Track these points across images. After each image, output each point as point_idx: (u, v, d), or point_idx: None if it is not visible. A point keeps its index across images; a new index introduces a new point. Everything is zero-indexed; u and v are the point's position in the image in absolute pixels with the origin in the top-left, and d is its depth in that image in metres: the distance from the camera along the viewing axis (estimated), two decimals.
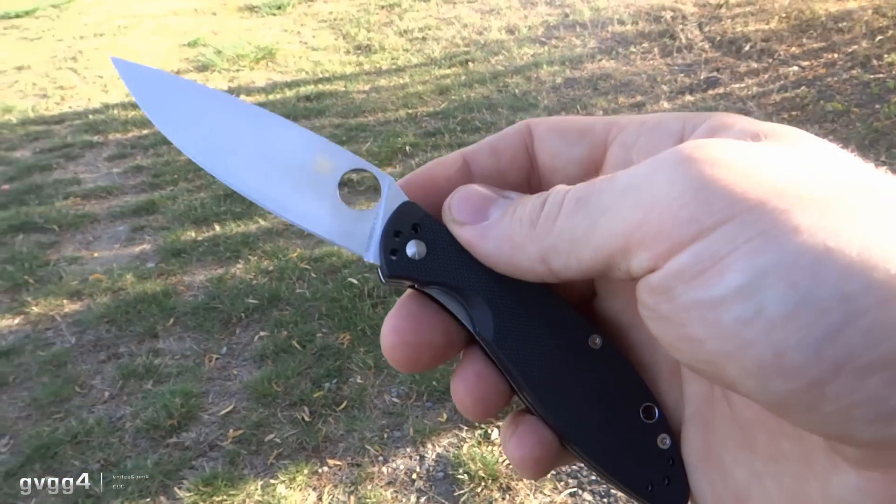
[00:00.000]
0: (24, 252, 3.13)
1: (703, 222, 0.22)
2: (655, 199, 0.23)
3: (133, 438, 2.07)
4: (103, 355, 2.43)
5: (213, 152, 0.33)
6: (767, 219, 0.21)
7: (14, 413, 2.20)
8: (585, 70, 4.62)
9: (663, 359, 0.33)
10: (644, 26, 5.17)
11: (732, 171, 0.23)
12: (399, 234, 0.32)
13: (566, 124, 0.34)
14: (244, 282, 2.74)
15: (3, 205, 3.64)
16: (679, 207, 0.23)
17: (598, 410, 0.32)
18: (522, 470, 0.32)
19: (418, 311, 0.32)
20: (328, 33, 6.22)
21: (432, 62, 5.23)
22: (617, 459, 0.32)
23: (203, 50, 5.86)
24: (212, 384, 2.27)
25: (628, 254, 0.24)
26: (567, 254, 0.27)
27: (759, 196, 0.22)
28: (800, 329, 0.20)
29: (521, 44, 5.29)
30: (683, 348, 0.24)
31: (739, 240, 0.21)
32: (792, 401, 0.21)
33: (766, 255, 0.21)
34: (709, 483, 0.30)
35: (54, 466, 1.99)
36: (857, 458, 0.23)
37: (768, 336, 0.21)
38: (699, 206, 0.22)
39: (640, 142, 0.30)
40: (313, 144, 0.34)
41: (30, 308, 2.71)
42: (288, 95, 4.89)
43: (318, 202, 0.33)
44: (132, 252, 3.09)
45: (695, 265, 0.22)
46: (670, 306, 0.23)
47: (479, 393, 0.32)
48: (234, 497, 1.85)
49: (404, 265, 0.32)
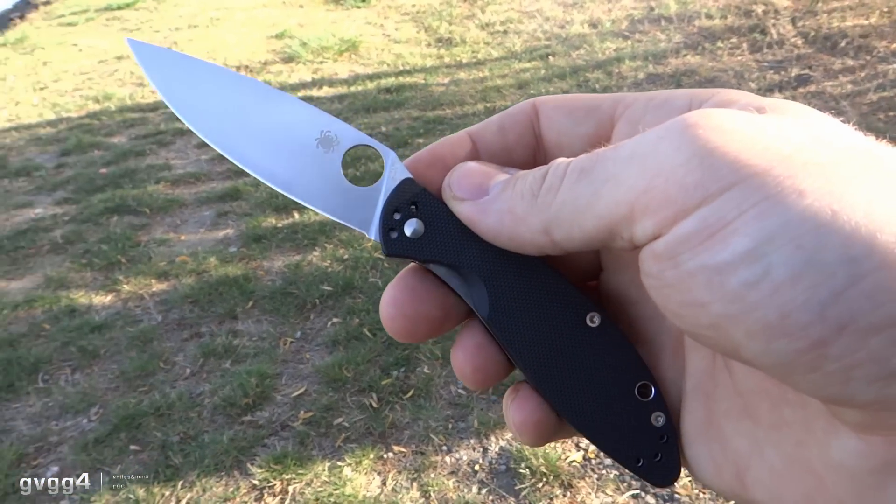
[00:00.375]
0: (118, 233, 3.30)
1: (709, 188, 0.22)
2: (660, 165, 0.24)
3: (211, 414, 2.17)
4: (186, 334, 2.55)
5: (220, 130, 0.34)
6: (773, 183, 0.22)
7: (104, 384, 2.34)
8: (669, 65, 4.52)
9: (667, 332, 0.33)
10: (733, 20, 5.01)
11: (738, 138, 0.23)
12: (398, 212, 0.33)
13: (573, 102, 0.34)
14: (320, 269, 2.82)
15: (100, 187, 3.85)
16: (685, 174, 0.23)
17: (592, 388, 0.32)
18: (522, 433, 0.33)
19: (417, 285, 0.33)
20: (410, 26, 6.28)
21: (512, 56, 5.22)
22: (608, 434, 0.32)
23: (289, 42, 6.02)
24: (286, 366, 2.35)
25: (632, 221, 0.24)
26: (570, 223, 0.27)
27: (765, 162, 0.22)
28: (805, 290, 0.21)
29: (603, 38, 5.21)
30: (687, 314, 0.24)
31: (745, 204, 0.22)
32: (795, 361, 0.21)
33: (772, 219, 0.21)
34: (709, 453, 0.30)
35: (138, 436, 2.11)
36: (857, 422, 0.23)
37: (774, 298, 0.21)
38: (705, 172, 0.22)
39: (647, 118, 0.30)
40: (318, 121, 0.34)
41: (121, 286, 2.87)
42: (369, 87, 4.97)
43: (322, 180, 0.34)
44: (216, 236, 3.23)
45: (701, 230, 0.22)
46: (675, 272, 0.23)
47: (479, 363, 0.33)
48: (302, 476, 1.92)
49: (403, 244, 0.33)
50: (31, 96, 5.56)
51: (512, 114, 0.35)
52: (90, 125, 4.83)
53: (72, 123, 4.92)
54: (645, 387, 0.32)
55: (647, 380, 0.32)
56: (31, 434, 2.15)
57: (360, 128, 4.16)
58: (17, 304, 2.79)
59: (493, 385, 0.34)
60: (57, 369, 2.43)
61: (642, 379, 0.32)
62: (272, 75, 5.43)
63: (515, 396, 0.33)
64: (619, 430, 0.32)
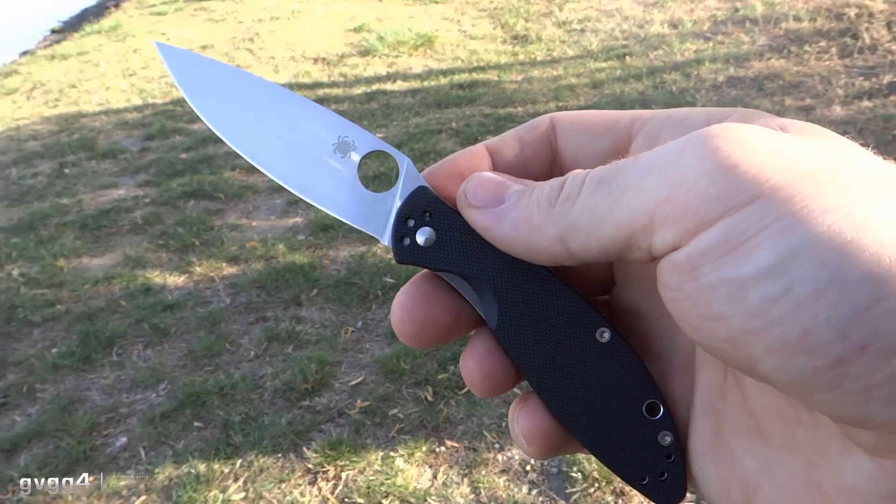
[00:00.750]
0: (194, 216, 3.43)
1: (731, 200, 0.22)
2: (682, 176, 0.23)
3: (271, 397, 2.24)
4: (252, 317, 2.63)
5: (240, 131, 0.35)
6: (796, 199, 0.21)
7: (173, 361, 2.44)
8: (751, 69, 4.38)
9: (678, 349, 0.33)
10: (823, 24, 4.81)
11: (761, 152, 0.23)
12: (411, 219, 0.33)
13: (590, 118, 0.34)
14: (383, 261, 2.86)
15: (179, 172, 4.00)
16: (707, 185, 0.23)
17: (599, 403, 0.32)
18: (530, 442, 0.33)
19: (428, 291, 0.33)
20: (487, 22, 6.28)
21: (588, 55, 5.15)
22: (614, 452, 0.32)
23: (367, 35, 6.10)
24: (345, 355, 2.40)
25: (651, 231, 0.24)
26: (587, 232, 0.27)
27: (788, 177, 0.22)
28: (827, 308, 0.20)
29: (683, 39, 5.09)
30: (705, 328, 0.24)
31: (768, 219, 0.21)
32: (814, 379, 0.21)
33: (795, 235, 0.21)
34: (717, 472, 0.30)
35: (202, 414, 2.19)
36: (872, 444, 0.23)
37: (795, 314, 0.21)
38: (727, 185, 0.22)
39: (664, 134, 0.30)
40: (336, 126, 0.35)
41: (194, 268, 2.97)
42: (442, 83, 5.00)
43: (338, 184, 0.34)
44: (286, 224, 3.31)
45: (723, 243, 0.22)
46: (695, 284, 0.23)
47: (488, 370, 0.33)
48: (355, 464, 1.95)
49: (414, 252, 0.33)
50: (120, 82, 5.81)
51: (529, 128, 0.35)
52: (173, 111, 5.01)
53: (157, 109, 5.12)
54: (653, 405, 0.32)
55: (655, 398, 0.32)
56: (103, 404, 2.26)
57: (431, 123, 4.19)
58: (98, 280, 2.94)
59: (501, 393, 0.35)
60: (130, 344, 2.54)
61: (651, 397, 0.32)
62: (348, 68, 5.51)
63: (524, 406, 0.34)
64: (626, 448, 0.32)
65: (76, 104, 5.45)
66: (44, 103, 5.55)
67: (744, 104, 3.87)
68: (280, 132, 0.35)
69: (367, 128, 4.19)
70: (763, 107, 3.80)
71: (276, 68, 5.71)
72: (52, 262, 3.12)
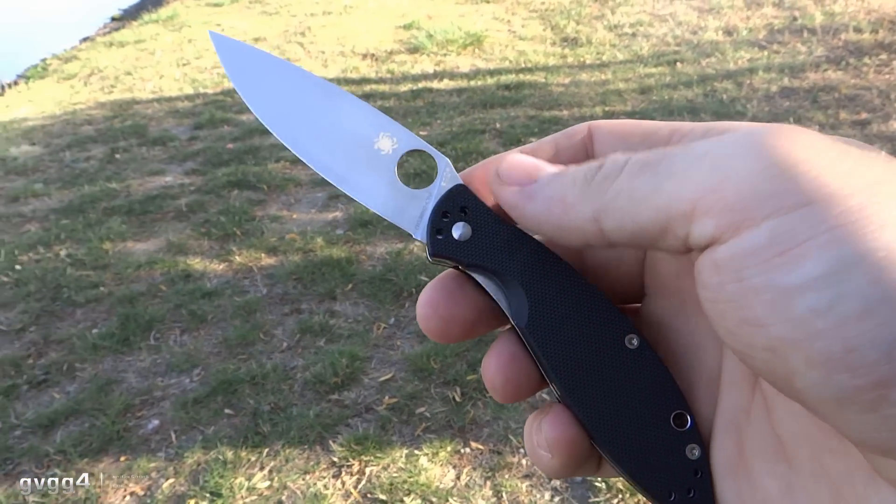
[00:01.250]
0: (237, 206, 3.48)
1: (784, 200, 0.21)
2: (736, 168, 0.22)
3: (301, 389, 2.26)
4: (287, 309, 2.66)
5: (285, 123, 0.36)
6: (854, 209, 0.20)
7: (208, 348, 2.48)
8: (807, 80, 4.27)
9: (704, 367, 0.32)
10: (885, 36, 4.67)
11: (821, 157, 0.22)
12: (447, 216, 0.33)
13: (628, 128, 0.33)
14: (419, 259, 2.86)
15: (225, 161, 4.07)
16: (761, 181, 0.22)
17: (627, 411, 0.32)
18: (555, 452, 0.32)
19: (454, 288, 0.33)
20: (537, 23, 6.24)
21: (638, 59, 5.09)
22: (641, 463, 0.31)
23: (416, 33, 6.12)
24: (376, 351, 2.41)
25: (692, 219, 0.23)
26: (623, 213, 0.26)
27: (846, 186, 0.21)
28: (875, 327, 0.20)
29: (737, 46, 4.98)
30: (743, 333, 0.23)
31: (821, 226, 0.21)
32: (853, 398, 0.20)
33: (848, 247, 0.20)
34: (737, 492, 0.29)
35: (233, 401, 2.22)
36: None
37: (841, 329, 0.20)
38: (782, 183, 0.21)
39: None
40: (379, 123, 0.35)
41: (234, 257, 3.02)
42: (489, 83, 4.98)
43: (375, 178, 0.35)
44: (325, 218, 3.34)
45: (770, 245, 0.21)
46: (737, 287, 0.22)
47: (510, 374, 0.33)
48: (380, 460, 1.96)
49: (449, 246, 0.33)
50: (174, 71, 5.93)
51: (567, 135, 0.34)
52: (223, 102, 5.10)
53: (207, 99, 5.22)
54: (681, 416, 0.31)
55: (683, 409, 0.31)
56: (138, 387, 2.31)
57: (475, 122, 4.19)
58: (140, 265, 3.00)
59: (521, 399, 0.34)
60: (168, 329, 2.59)
61: (678, 408, 0.31)
62: (396, 65, 5.54)
63: (547, 413, 0.33)
64: (653, 460, 0.31)
65: (130, 91, 5.58)
66: (100, 89, 5.70)
67: (797, 116, 3.77)
68: (324, 125, 0.35)
69: (412, 125, 4.20)
70: (817, 119, 3.70)
71: (325, 63, 5.77)
72: (99, 244, 3.20)
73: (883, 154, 0.24)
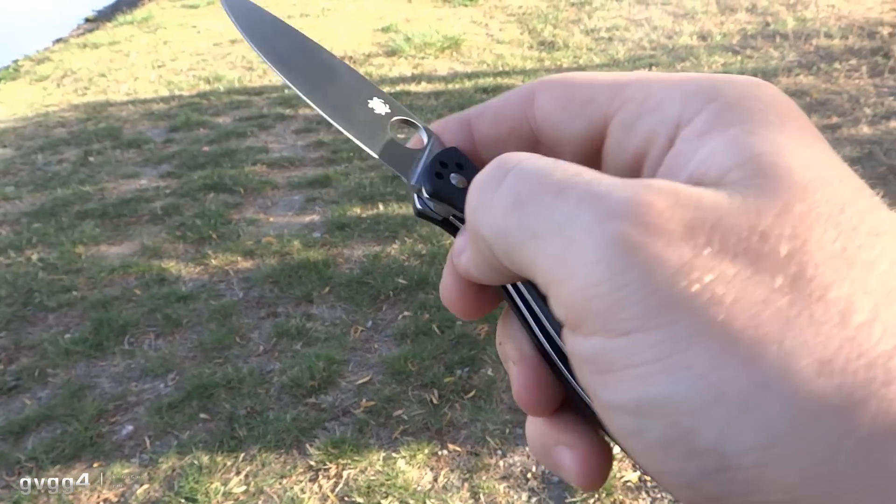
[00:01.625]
0: (212, 209, 3.45)
1: (610, 323, 0.20)
2: (577, 269, 0.21)
3: (278, 392, 2.24)
4: (263, 312, 2.64)
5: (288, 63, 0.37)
6: (673, 345, 0.19)
7: (183, 352, 2.46)
8: (779, 84, 4.32)
9: None
10: (854, 41, 4.75)
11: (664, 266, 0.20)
12: (445, 166, 0.33)
13: (570, 92, 0.29)
14: (397, 262, 2.86)
15: (201, 164, 4.03)
16: (595, 295, 0.20)
17: None
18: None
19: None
20: (515, 27, 6.27)
21: (614, 63, 5.13)
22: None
23: (394, 36, 6.12)
24: (354, 354, 2.40)
25: (546, 291, 0.22)
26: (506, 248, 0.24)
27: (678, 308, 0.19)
28: (677, 461, 0.20)
29: (711, 51, 5.04)
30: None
31: (638, 358, 0.20)
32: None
33: (657, 388, 0.19)
34: None
35: (208, 406, 2.20)
36: None
37: (650, 454, 0.21)
38: (615, 303, 0.20)
39: (638, 125, 0.26)
40: (372, 89, 0.37)
41: (209, 261, 2.99)
42: (466, 86, 4.99)
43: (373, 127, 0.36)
44: (303, 221, 3.32)
45: (595, 361, 0.21)
46: (580, 373, 0.23)
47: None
48: (357, 463, 1.95)
49: (448, 189, 0.33)
50: (149, 73, 5.87)
51: (508, 102, 0.31)
52: (199, 104, 5.06)
53: (183, 101, 5.17)
54: None
55: None
56: (112, 392, 2.28)
57: None
58: (114, 269, 2.97)
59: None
60: (142, 333, 2.57)
61: None
62: (374, 67, 5.53)
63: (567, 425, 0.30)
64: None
65: (105, 93, 5.52)
66: (73, 91, 5.63)
67: None
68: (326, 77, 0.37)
69: None
70: None
71: None
72: (71, 248, 3.16)
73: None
